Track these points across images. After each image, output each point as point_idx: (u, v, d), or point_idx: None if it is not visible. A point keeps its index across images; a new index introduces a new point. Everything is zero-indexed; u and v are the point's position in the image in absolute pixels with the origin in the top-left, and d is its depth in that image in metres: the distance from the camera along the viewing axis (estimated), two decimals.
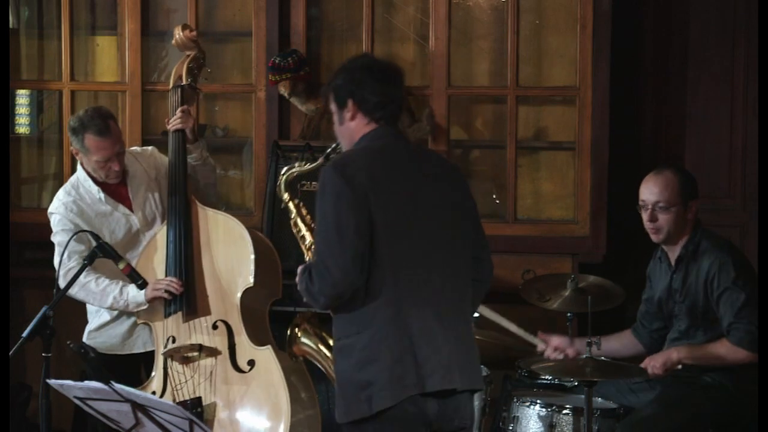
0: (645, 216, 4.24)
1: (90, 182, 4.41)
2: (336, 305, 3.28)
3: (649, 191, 4.23)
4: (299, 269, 3.34)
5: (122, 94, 5.67)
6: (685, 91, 5.39)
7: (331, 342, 3.76)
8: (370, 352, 3.21)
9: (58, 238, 4.31)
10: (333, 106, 3.42)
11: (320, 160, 3.76)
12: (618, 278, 4.79)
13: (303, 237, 3.71)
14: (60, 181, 5.72)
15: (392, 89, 3.38)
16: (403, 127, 5.31)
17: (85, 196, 4.40)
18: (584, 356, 3.95)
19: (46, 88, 5.91)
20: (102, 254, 3.84)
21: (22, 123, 5.95)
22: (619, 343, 4.46)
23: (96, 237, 3.91)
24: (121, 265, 3.90)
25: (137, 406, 3.03)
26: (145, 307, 4.30)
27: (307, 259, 3.66)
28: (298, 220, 3.75)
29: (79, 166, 4.47)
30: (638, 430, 4.06)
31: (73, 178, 4.48)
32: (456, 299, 3.35)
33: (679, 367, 4.14)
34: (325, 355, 4.09)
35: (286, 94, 5.28)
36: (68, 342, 4.24)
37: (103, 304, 4.31)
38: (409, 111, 5.32)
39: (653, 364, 4.11)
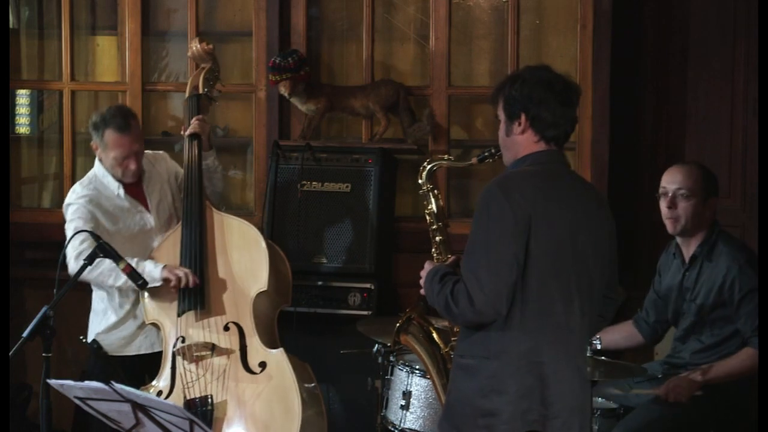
0: (664, 204, 4.22)
1: (110, 178, 4.45)
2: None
3: (672, 178, 4.22)
4: (436, 276, 3.22)
5: (122, 94, 5.67)
6: (685, 91, 5.38)
7: (434, 335, 3.74)
8: (497, 382, 3.13)
9: (73, 224, 4.33)
10: (501, 114, 3.29)
11: (473, 161, 3.71)
12: (618, 278, 4.78)
13: (435, 230, 3.66)
14: (60, 181, 5.73)
15: (569, 110, 3.24)
16: (404, 127, 5.32)
17: (102, 192, 4.44)
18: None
19: (46, 88, 5.91)
20: (102, 254, 3.84)
21: (22, 123, 5.95)
22: (620, 335, 4.46)
23: (96, 237, 3.91)
24: (121, 265, 3.90)
25: (137, 406, 3.03)
26: (158, 284, 4.29)
27: (433, 251, 3.65)
28: (435, 211, 3.70)
29: (97, 162, 4.51)
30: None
31: (90, 174, 4.52)
32: (585, 340, 3.31)
33: (700, 392, 4.09)
34: (428, 348, 3.97)
35: (286, 94, 5.28)
36: (81, 337, 4.25)
37: (116, 282, 4.28)
38: (409, 111, 5.32)
39: (677, 392, 4.06)
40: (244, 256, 4.40)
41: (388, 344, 4.16)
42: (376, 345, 4.36)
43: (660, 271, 4.42)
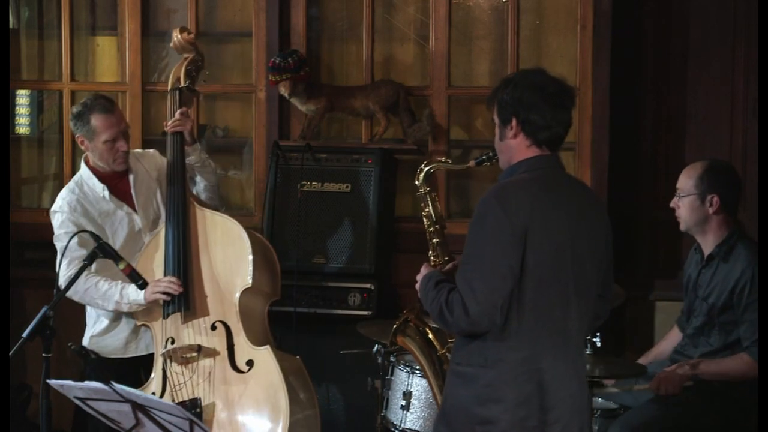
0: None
1: (94, 180, 4.42)
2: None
3: (680, 178, 4.27)
4: (430, 282, 3.22)
5: (122, 94, 5.67)
6: (685, 91, 5.38)
7: (431, 337, 3.75)
8: (494, 391, 3.13)
9: (60, 242, 4.31)
10: (495, 119, 3.30)
11: (471, 164, 3.71)
12: (618, 278, 4.78)
13: (432, 233, 3.66)
14: (60, 181, 5.73)
15: (562, 113, 3.23)
16: (404, 127, 5.32)
17: (88, 194, 4.41)
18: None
19: (46, 88, 5.91)
20: (102, 254, 3.83)
21: (22, 123, 5.95)
22: (670, 345, 4.46)
23: (96, 237, 3.90)
24: (122, 266, 3.89)
25: (137, 407, 3.03)
26: (144, 307, 4.31)
27: (430, 253, 3.65)
28: (432, 213, 3.70)
29: (82, 164, 4.48)
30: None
31: (76, 177, 4.49)
32: (582, 341, 3.31)
33: (690, 383, 4.11)
34: (425, 349, 3.96)
35: (286, 95, 5.28)
36: (69, 344, 4.24)
37: (107, 307, 4.33)
38: (409, 111, 5.32)
39: (668, 384, 4.07)
40: (228, 253, 4.34)
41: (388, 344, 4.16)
42: (376, 345, 4.36)
43: (686, 271, 4.41)
